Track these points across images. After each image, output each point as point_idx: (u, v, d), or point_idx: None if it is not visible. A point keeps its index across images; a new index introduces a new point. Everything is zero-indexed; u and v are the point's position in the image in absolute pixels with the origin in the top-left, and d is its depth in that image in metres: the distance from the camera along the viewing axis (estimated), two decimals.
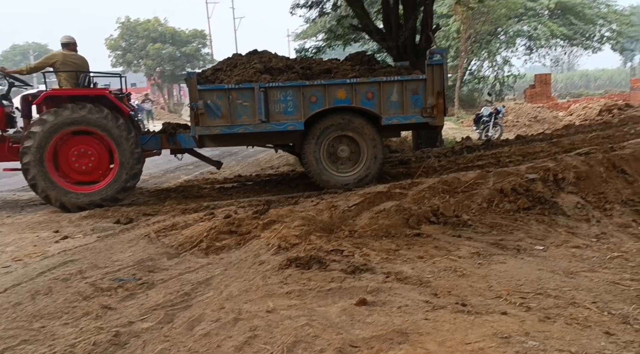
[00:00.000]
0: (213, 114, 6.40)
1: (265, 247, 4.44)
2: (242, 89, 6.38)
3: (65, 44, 7.15)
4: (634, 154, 5.90)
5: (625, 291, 3.23)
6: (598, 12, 27.06)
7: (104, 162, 6.78)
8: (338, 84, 6.52)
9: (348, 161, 6.90)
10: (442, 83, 6.64)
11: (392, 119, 6.68)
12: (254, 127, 6.49)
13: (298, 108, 6.50)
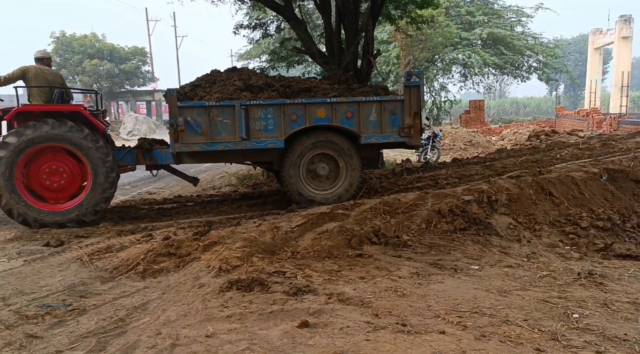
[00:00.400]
0: (193, 131, 6.36)
1: (206, 269, 4.34)
2: (223, 106, 6.37)
3: (39, 58, 6.96)
4: (559, 177, 6.27)
5: (554, 309, 3.39)
6: (526, 44, 28.87)
7: (75, 182, 6.57)
8: (318, 103, 6.60)
9: (327, 179, 6.96)
10: (419, 104, 6.84)
11: (370, 138, 6.79)
12: (234, 144, 6.47)
13: (278, 126, 6.53)
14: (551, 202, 5.98)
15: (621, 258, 4.89)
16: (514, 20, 30.06)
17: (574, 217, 5.75)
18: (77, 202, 6.51)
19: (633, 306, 3.45)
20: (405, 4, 11.80)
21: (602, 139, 9.74)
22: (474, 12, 28.08)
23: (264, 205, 7.54)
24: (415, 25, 12.92)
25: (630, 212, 5.91)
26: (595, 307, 3.43)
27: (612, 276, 4.22)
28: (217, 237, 5.05)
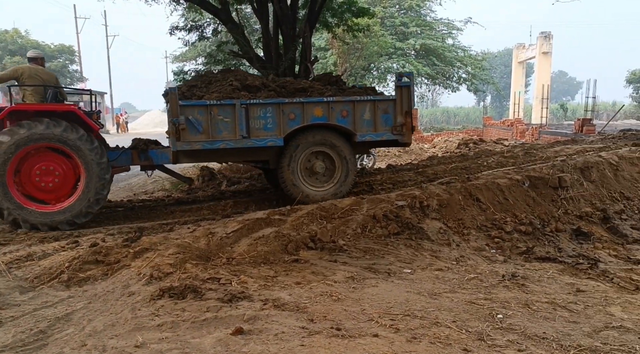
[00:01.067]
0: (194, 130, 6.39)
1: (136, 277, 4.18)
2: (224, 105, 6.44)
3: (32, 58, 6.91)
4: (486, 184, 6.58)
5: (480, 310, 3.55)
6: (456, 56, 30.16)
7: (68, 183, 6.43)
8: (315, 102, 6.75)
9: (323, 176, 7.07)
10: (410, 103, 7.05)
11: (365, 136, 6.97)
12: (234, 142, 6.53)
13: (277, 124, 6.65)
14: (478, 208, 6.26)
15: (541, 260, 5.20)
16: (445, 32, 31.32)
17: (499, 221, 6.06)
18: (69, 204, 6.36)
19: (551, 306, 3.68)
20: (342, 12, 12.01)
21: (524, 148, 10.32)
22: (407, 24, 29.00)
23: (198, 210, 7.38)
24: (352, 33, 13.18)
25: (549, 217, 6.29)
26: (518, 307, 3.62)
27: (533, 277, 4.48)
28: (149, 244, 4.88)
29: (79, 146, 6.27)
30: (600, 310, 3.63)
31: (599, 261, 5.17)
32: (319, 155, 7.02)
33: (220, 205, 7.51)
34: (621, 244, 5.85)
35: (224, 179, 10.00)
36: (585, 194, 6.76)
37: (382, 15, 27.00)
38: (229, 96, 6.56)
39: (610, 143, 9.08)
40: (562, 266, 4.98)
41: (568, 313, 3.55)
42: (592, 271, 4.82)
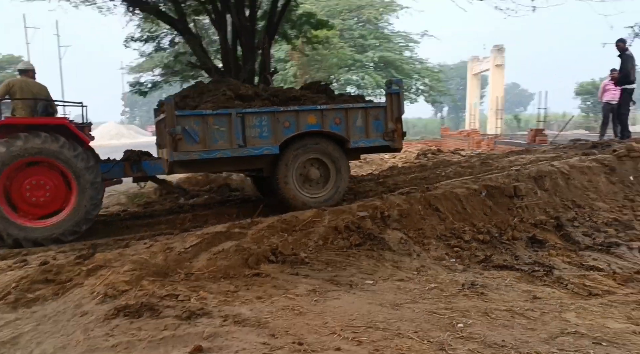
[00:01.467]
0: (191, 139, 6.36)
1: (89, 296, 4.01)
2: (220, 114, 6.45)
3: (24, 70, 6.89)
4: (445, 194, 6.69)
5: (441, 319, 3.57)
6: (413, 68, 30.85)
7: (59, 198, 6.29)
8: (309, 110, 6.84)
9: (317, 184, 7.13)
10: (400, 110, 7.21)
11: (358, 143, 7.11)
12: (231, 151, 6.55)
13: (273, 133, 6.70)
14: (438, 217, 6.35)
15: (499, 269, 5.30)
16: (403, 45, 32.02)
17: (458, 231, 6.16)
18: (59, 220, 6.23)
19: (509, 314, 3.74)
20: (301, 24, 12.09)
21: (481, 158, 10.58)
22: (366, 36, 29.49)
23: (156, 225, 7.18)
24: (311, 45, 13.27)
25: (506, 225, 6.45)
26: (477, 316, 3.67)
27: (492, 285, 4.56)
28: (103, 261, 4.70)
29: (70, 160, 6.16)
30: (556, 316, 3.71)
31: (554, 268, 5.32)
32: (313, 162, 7.10)
33: (178, 219, 7.34)
34: (574, 250, 6.04)
35: (182, 193, 9.80)
36: (539, 202, 6.96)
37: (341, 28, 27.35)
38: (224, 105, 6.59)
39: (561, 152, 9.42)
40: (519, 273, 5.09)
41: (525, 320, 3.62)
42: (548, 278, 4.96)
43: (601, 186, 7.56)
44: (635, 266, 5.49)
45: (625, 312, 3.85)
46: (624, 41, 10.06)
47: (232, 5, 10.03)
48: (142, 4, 10.40)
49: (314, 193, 7.10)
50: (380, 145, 7.28)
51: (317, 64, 24.27)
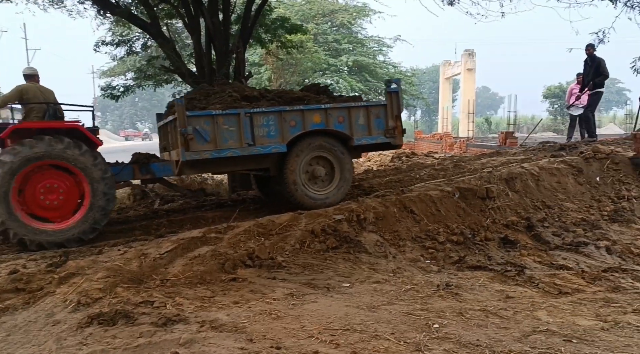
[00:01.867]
0: (202, 139, 6.50)
1: (62, 304, 3.93)
2: (229, 114, 6.61)
3: (30, 75, 6.89)
4: (419, 196, 6.78)
5: (417, 321, 3.62)
6: (387, 72, 31.13)
7: (72, 200, 6.29)
8: (314, 109, 7.03)
9: (322, 181, 7.28)
10: (399, 108, 7.46)
11: (361, 140, 7.30)
12: (241, 150, 6.70)
13: (280, 132, 6.86)
14: (413, 219, 6.43)
15: (473, 269, 5.40)
16: (376, 49, 32.29)
17: (433, 232, 6.25)
18: (75, 221, 6.23)
19: (483, 313, 3.82)
20: (275, 28, 12.08)
21: (454, 161, 10.75)
22: (340, 40, 29.63)
23: (130, 231, 7.06)
24: (285, 49, 13.28)
25: (479, 226, 6.57)
26: (452, 316, 3.73)
27: (466, 286, 4.64)
28: (76, 268, 4.62)
29: (83, 162, 6.20)
30: (528, 315, 3.80)
31: (525, 267, 5.44)
32: (318, 160, 7.27)
33: (153, 224, 7.24)
34: (544, 250, 6.20)
35: (156, 198, 9.68)
36: (510, 203, 7.12)
37: (315, 32, 27.44)
38: (231, 106, 6.76)
39: (531, 155, 9.64)
40: (492, 273, 5.20)
41: (499, 319, 3.69)
42: (520, 277, 5.07)
43: (569, 187, 7.77)
44: (603, 265, 5.66)
45: (594, 309, 3.97)
46: (593, 46, 10.38)
47: (206, 9, 9.97)
48: (113, 7, 10.25)
49: (319, 190, 7.26)
50: (381, 142, 7.51)
51: (292, 68, 24.28)
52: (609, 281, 4.99)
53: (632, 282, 5.02)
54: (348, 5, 30.64)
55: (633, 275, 5.24)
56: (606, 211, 7.39)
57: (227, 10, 10.20)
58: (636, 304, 4.03)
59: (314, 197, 7.13)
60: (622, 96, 57.14)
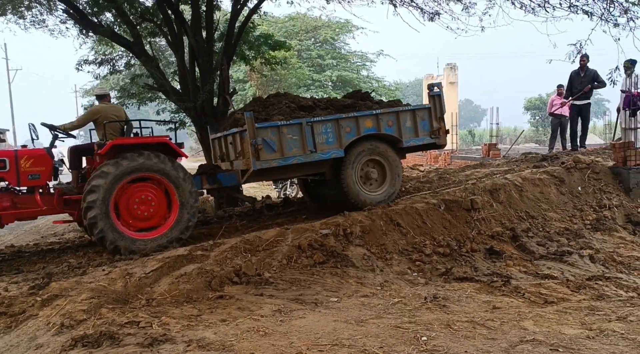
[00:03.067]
0: (270, 149, 6.88)
1: (45, 327, 3.86)
2: (292, 124, 7.01)
3: (102, 95, 7.29)
4: (405, 209, 6.82)
5: (405, 334, 3.62)
6: (371, 86, 31.41)
7: (160, 211, 6.58)
8: (367, 115, 7.45)
9: (376, 181, 7.67)
10: (442, 110, 7.91)
11: (409, 142, 7.73)
12: (304, 157, 7.10)
13: (337, 138, 7.28)
14: (399, 232, 6.46)
15: (459, 280, 5.43)
16: (360, 64, 32.61)
17: (419, 245, 6.28)
18: (164, 230, 6.50)
19: (471, 325, 3.83)
20: (258, 45, 12.15)
21: (438, 173, 10.84)
22: (324, 56, 29.90)
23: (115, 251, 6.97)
24: (270, 65, 13.34)
25: (465, 238, 6.62)
26: (440, 328, 3.74)
27: (453, 298, 4.66)
28: (59, 290, 4.54)
29: (174, 175, 6.53)
30: (515, 325, 3.82)
31: (511, 277, 5.48)
32: (371, 162, 7.66)
33: None
34: (529, 260, 6.26)
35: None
36: (495, 214, 7.19)
37: (299, 48, 27.67)
38: (291, 116, 7.17)
39: (514, 166, 9.77)
40: (479, 284, 5.23)
41: (486, 330, 3.71)
42: (506, 287, 5.11)
43: (552, 197, 7.88)
44: (587, 273, 5.73)
45: (579, 318, 4.01)
46: (587, 57, 10.65)
47: (189, 27, 10.01)
48: (95, 26, 10.24)
49: (373, 191, 7.63)
50: (427, 143, 7.95)
51: (276, 84, 24.41)
52: (593, 290, 5.05)
53: (616, 290, 5.10)
54: (331, 22, 30.95)
55: (616, 283, 5.32)
56: (589, 220, 7.51)
57: (211, 27, 10.25)
58: (620, 311, 4.08)
59: (369, 197, 7.50)
60: (600, 106, 58.36)
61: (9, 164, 6.23)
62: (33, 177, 6.33)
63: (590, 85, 10.76)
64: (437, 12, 10.86)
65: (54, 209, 6.58)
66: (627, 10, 8.48)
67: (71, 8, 10.00)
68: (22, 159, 6.29)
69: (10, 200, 6.33)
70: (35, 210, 6.46)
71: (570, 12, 9.08)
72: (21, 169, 6.26)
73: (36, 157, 6.37)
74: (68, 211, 6.63)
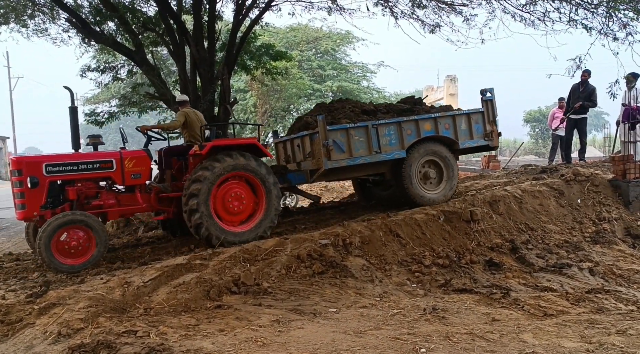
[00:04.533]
0: (339, 150, 7.37)
1: (42, 336, 3.85)
2: (359, 127, 7.49)
3: (184, 101, 7.79)
4: (405, 220, 6.81)
5: (404, 345, 3.60)
6: (371, 97, 31.48)
7: (249, 206, 6.99)
8: (426, 118, 7.90)
9: (434, 180, 8.07)
10: (494, 114, 8.35)
11: (465, 144, 8.16)
12: (370, 157, 7.56)
13: (399, 140, 7.72)
14: (399, 243, 6.45)
15: (459, 292, 5.40)
16: (360, 75, 32.71)
17: (419, 256, 6.26)
18: (257, 221, 6.91)
19: (470, 336, 3.82)
20: (260, 55, 12.22)
21: None
22: (324, 66, 30.00)
23: (114, 260, 6.96)
24: (270, 75, 13.40)
25: (464, 249, 6.60)
26: (439, 340, 3.72)
27: (452, 309, 4.64)
28: (57, 298, 4.52)
29: (262, 173, 6.95)
30: (514, 338, 3.81)
31: (511, 289, 5.46)
32: (429, 163, 8.07)
33: (136, 252, 7.14)
34: (529, 272, 6.24)
35: (140, 225, 9.56)
36: (494, 226, 7.18)
37: (300, 59, 27.77)
38: (357, 119, 7.65)
39: (514, 178, 9.78)
40: (478, 296, 5.21)
41: (485, 343, 3.69)
42: (505, 300, 5.08)
43: (552, 209, 7.88)
44: (586, 286, 5.71)
45: (579, 331, 3.99)
46: (589, 73, 10.75)
47: (191, 37, 10.07)
48: (97, 35, 10.29)
49: (431, 189, 8.03)
50: (481, 145, 8.36)
51: (277, 93, 24.46)
52: (592, 303, 5.03)
53: (615, 303, 5.08)
54: (332, 33, 31.09)
55: (616, 296, 5.30)
56: (588, 233, 7.50)
57: (212, 37, 10.32)
58: (620, 325, 4.07)
59: (427, 196, 7.89)
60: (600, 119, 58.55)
61: (115, 164, 6.65)
62: (135, 176, 6.76)
63: (582, 102, 10.80)
64: (438, 24, 10.96)
65: (151, 206, 7.01)
66: (626, 24, 8.54)
67: (74, 17, 10.06)
68: (126, 160, 6.72)
69: (115, 198, 6.72)
70: (135, 207, 6.85)
71: (569, 27, 9.14)
72: (126, 169, 6.68)
73: (138, 158, 6.80)
74: (163, 209, 7.03)
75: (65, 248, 5.93)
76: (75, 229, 6.01)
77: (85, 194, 6.50)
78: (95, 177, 6.61)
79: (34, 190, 6.17)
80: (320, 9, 12.13)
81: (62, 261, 5.91)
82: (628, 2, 8.22)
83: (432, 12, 10.81)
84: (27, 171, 6.18)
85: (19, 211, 6.30)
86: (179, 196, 6.77)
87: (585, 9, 8.90)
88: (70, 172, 6.43)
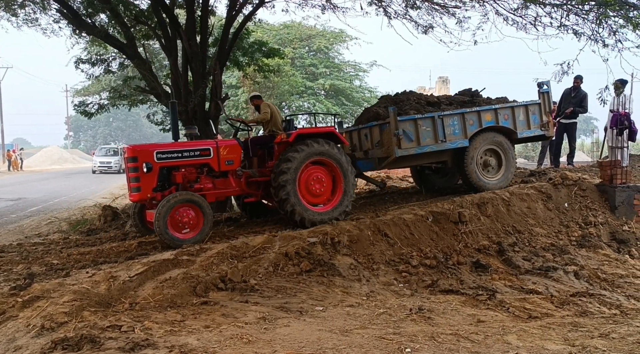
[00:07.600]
0: (408, 139, 7.89)
1: (24, 329, 3.81)
2: (426, 118, 7.99)
3: (258, 96, 8.46)
4: (393, 220, 6.83)
5: (390, 345, 3.61)
6: (363, 96, 31.54)
7: (328, 188, 7.52)
8: (486, 109, 8.36)
9: (492, 169, 8.54)
10: (550, 105, 8.85)
11: (523, 133, 8.64)
12: (436, 146, 8.07)
13: (462, 130, 8.19)
14: (387, 243, 6.46)
15: (445, 293, 5.43)
16: (353, 74, 32.74)
17: (406, 256, 6.28)
18: (335, 204, 7.41)
19: (455, 337, 3.84)
20: (252, 52, 12.17)
21: None
22: (317, 65, 29.99)
23: (99, 253, 6.90)
24: (263, 72, 13.36)
25: (452, 250, 6.64)
26: (425, 340, 3.74)
27: (438, 310, 4.66)
28: (41, 291, 4.48)
29: (341, 159, 7.43)
30: (498, 339, 3.83)
31: (496, 291, 5.50)
32: (489, 152, 8.53)
33: (123, 246, 7.09)
34: (515, 274, 6.28)
35: (128, 219, 9.49)
36: (482, 228, 7.22)
37: (293, 56, 27.73)
38: (423, 110, 8.14)
39: None
40: (464, 297, 5.24)
41: (470, 344, 3.71)
42: (491, 301, 5.12)
43: (539, 212, 7.94)
44: (571, 289, 5.77)
45: (563, 334, 4.03)
46: (581, 79, 10.93)
47: (183, 31, 10.00)
48: (89, 27, 10.19)
49: (491, 177, 8.50)
50: (537, 135, 8.82)
51: (269, 90, 24.43)
52: (577, 306, 5.08)
53: (599, 306, 5.13)
54: (325, 31, 31.08)
55: (600, 300, 5.36)
56: (574, 237, 7.56)
57: (205, 32, 10.25)
58: (603, 328, 4.11)
59: (487, 182, 8.36)
60: (589, 124, 59.09)
61: (212, 152, 7.19)
62: (229, 163, 7.28)
63: (573, 108, 10.96)
64: (431, 26, 10.97)
65: (242, 190, 7.55)
66: (615, 31, 8.62)
67: (65, 8, 9.95)
68: (222, 148, 7.27)
69: (212, 182, 7.30)
70: (228, 190, 7.43)
71: (559, 32, 9.22)
72: (221, 157, 7.24)
73: (231, 147, 7.32)
74: (252, 192, 7.56)
75: (179, 224, 6.49)
76: (188, 208, 6.58)
77: (188, 178, 7.08)
78: (196, 164, 7.17)
79: (148, 175, 6.72)
80: (313, 7, 12.10)
81: (174, 235, 6.41)
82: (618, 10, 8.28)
83: (426, 13, 10.82)
84: (142, 158, 6.73)
85: (133, 194, 6.85)
86: (267, 181, 7.32)
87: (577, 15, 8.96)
88: (176, 159, 6.99)
